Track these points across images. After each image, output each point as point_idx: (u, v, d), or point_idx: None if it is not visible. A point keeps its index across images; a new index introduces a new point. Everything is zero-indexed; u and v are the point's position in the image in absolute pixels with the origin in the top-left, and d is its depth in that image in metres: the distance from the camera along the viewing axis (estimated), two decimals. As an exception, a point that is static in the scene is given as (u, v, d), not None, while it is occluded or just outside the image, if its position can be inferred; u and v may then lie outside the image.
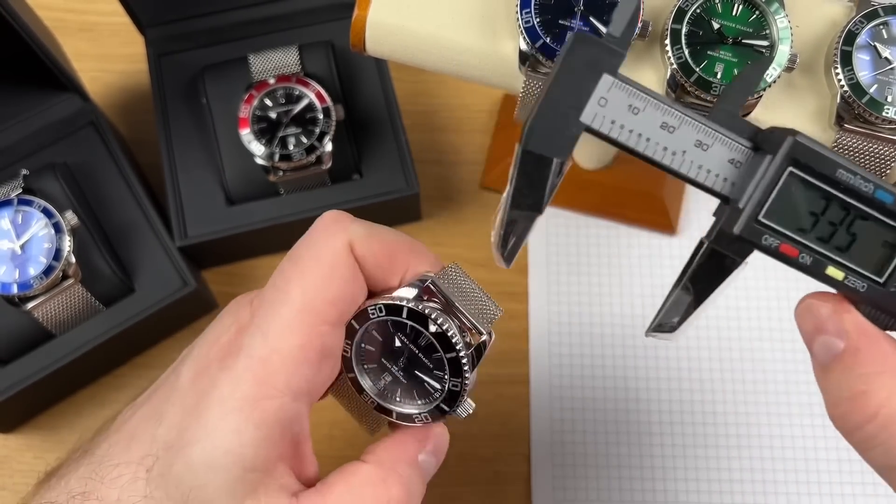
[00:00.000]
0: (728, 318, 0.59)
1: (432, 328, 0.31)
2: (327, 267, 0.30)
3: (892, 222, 0.29)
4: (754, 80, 0.28)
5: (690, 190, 0.63)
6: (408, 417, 0.33)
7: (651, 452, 0.56)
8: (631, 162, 0.61)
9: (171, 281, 0.55)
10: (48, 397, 0.56)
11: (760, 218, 0.28)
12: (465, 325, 0.32)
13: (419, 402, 0.33)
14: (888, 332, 0.29)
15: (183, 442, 0.28)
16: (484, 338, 0.33)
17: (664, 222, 0.61)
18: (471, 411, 0.33)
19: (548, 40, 0.39)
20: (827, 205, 0.28)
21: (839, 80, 0.38)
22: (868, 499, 0.54)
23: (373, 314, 0.31)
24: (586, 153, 0.60)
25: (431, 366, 0.32)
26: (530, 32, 0.39)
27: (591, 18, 0.39)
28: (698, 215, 0.62)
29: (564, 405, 0.57)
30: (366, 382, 0.33)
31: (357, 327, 0.32)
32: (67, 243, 0.51)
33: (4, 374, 0.52)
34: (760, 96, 0.39)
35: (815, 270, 0.29)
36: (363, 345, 0.33)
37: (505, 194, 0.29)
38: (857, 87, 0.38)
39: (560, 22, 0.39)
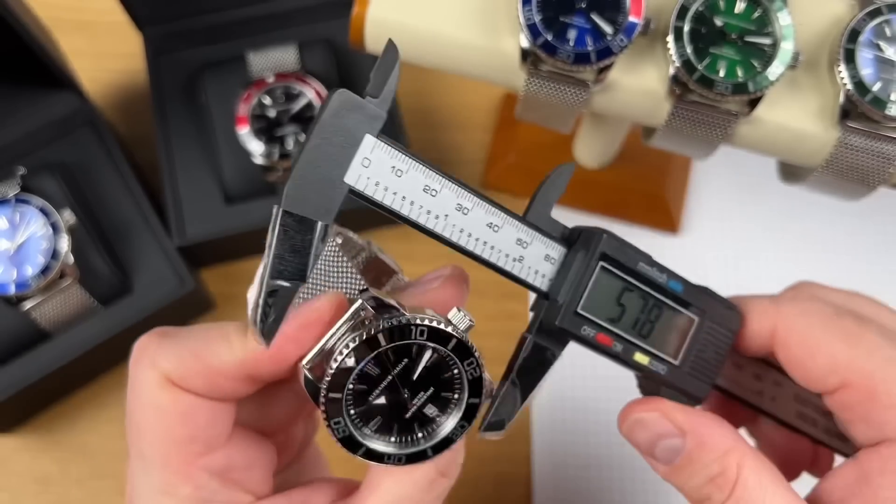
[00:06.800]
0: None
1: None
2: (157, 420, 0.28)
3: (681, 309, 0.31)
4: (563, 182, 0.30)
5: (693, 189, 0.62)
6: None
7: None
8: (633, 161, 0.62)
9: (168, 280, 0.55)
10: (45, 398, 0.56)
11: (579, 310, 0.29)
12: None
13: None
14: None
15: None
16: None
17: (666, 221, 0.61)
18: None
19: (549, 37, 0.38)
20: (631, 295, 0.30)
21: (842, 78, 0.38)
22: None
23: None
24: (588, 152, 0.60)
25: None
26: (532, 29, 0.38)
27: (593, 15, 0.39)
28: (700, 214, 0.62)
29: (566, 405, 0.57)
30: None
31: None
32: (65, 242, 0.50)
33: (1, 374, 0.52)
34: (763, 93, 0.39)
35: (624, 358, 0.30)
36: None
37: (262, 263, 0.26)
38: (860, 86, 0.38)
39: (562, 19, 0.39)
